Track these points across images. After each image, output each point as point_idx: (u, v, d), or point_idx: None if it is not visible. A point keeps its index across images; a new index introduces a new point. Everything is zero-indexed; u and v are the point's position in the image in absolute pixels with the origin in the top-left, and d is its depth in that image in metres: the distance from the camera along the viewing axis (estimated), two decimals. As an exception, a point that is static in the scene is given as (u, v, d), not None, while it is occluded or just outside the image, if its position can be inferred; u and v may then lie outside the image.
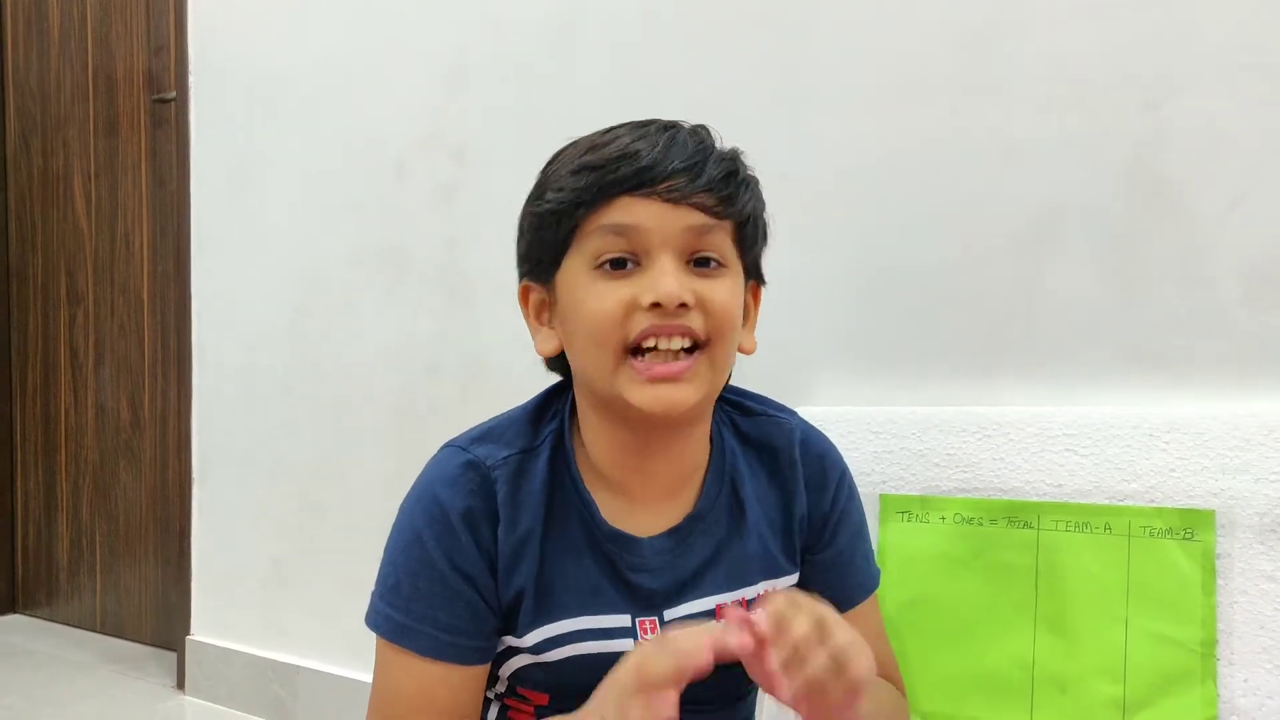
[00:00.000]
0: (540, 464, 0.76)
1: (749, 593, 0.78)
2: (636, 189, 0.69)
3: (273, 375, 1.71)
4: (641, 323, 0.68)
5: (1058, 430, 0.99)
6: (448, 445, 0.78)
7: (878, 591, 0.88)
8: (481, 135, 1.44)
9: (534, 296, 0.77)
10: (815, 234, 1.16)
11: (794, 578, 0.82)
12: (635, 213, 0.69)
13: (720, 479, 0.79)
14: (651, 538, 0.76)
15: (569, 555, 0.75)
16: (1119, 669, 0.94)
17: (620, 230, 0.69)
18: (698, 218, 0.70)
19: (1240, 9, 0.94)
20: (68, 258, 2.28)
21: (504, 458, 0.75)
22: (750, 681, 0.85)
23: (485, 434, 0.78)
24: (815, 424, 0.90)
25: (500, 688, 0.79)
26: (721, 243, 0.72)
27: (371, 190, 1.57)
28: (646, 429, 0.74)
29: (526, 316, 0.78)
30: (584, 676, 0.73)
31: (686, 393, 0.70)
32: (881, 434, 1.08)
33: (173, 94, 1.86)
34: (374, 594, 0.76)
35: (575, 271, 0.72)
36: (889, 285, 1.12)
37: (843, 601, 0.81)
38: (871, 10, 1.13)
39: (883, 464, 1.08)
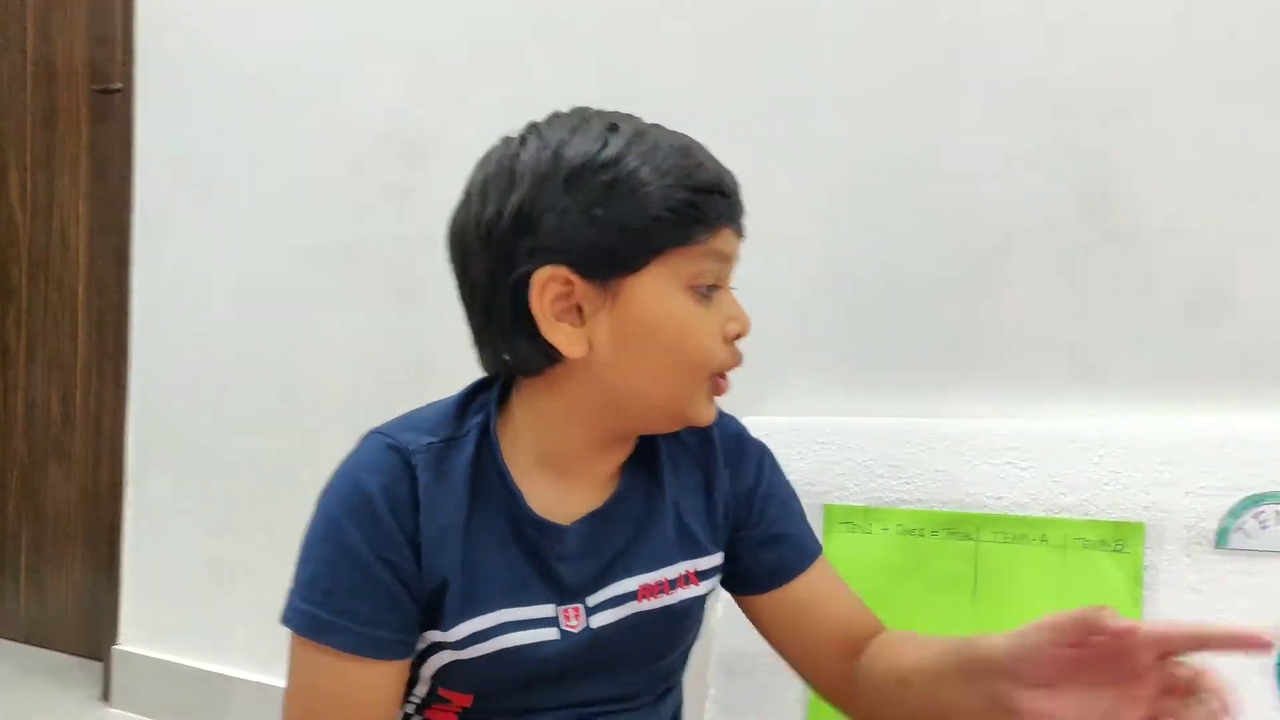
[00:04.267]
0: (465, 453, 0.75)
1: (669, 573, 0.79)
2: (734, 223, 0.74)
3: (214, 374, 1.68)
4: (726, 354, 0.74)
5: (999, 443, 1.02)
6: (371, 433, 0.77)
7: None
8: (441, 135, 1.44)
9: (564, 290, 0.71)
10: (766, 246, 1.17)
11: (716, 558, 0.82)
12: (731, 244, 0.74)
13: (639, 463, 0.80)
14: (575, 523, 0.76)
15: (494, 545, 0.74)
16: None
17: (724, 258, 0.73)
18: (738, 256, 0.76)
19: (1189, 36, 0.98)
20: (1, 250, 2.21)
21: (427, 444, 0.74)
22: (674, 677, 0.86)
23: (409, 423, 0.77)
24: (762, 434, 0.91)
25: (422, 690, 0.78)
26: None
27: (325, 187, 1.56)
28: (649, 432, 0.78)
29: (539, 308, 0.70)
30: (509, 671, 0.74)
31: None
32: (827, 445, 1.10)
33: (118, 85, 1.82)
34: (290, 591, 0.74)
35: (663, 284, 0.71)
36: (837, 298, 1.14)
37: (791, 570, 0.83)
38: (841, 25, 1.15)
39: (828, 474, 1.09)
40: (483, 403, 0.78)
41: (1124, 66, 1.01)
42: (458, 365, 0.92)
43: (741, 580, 0.86)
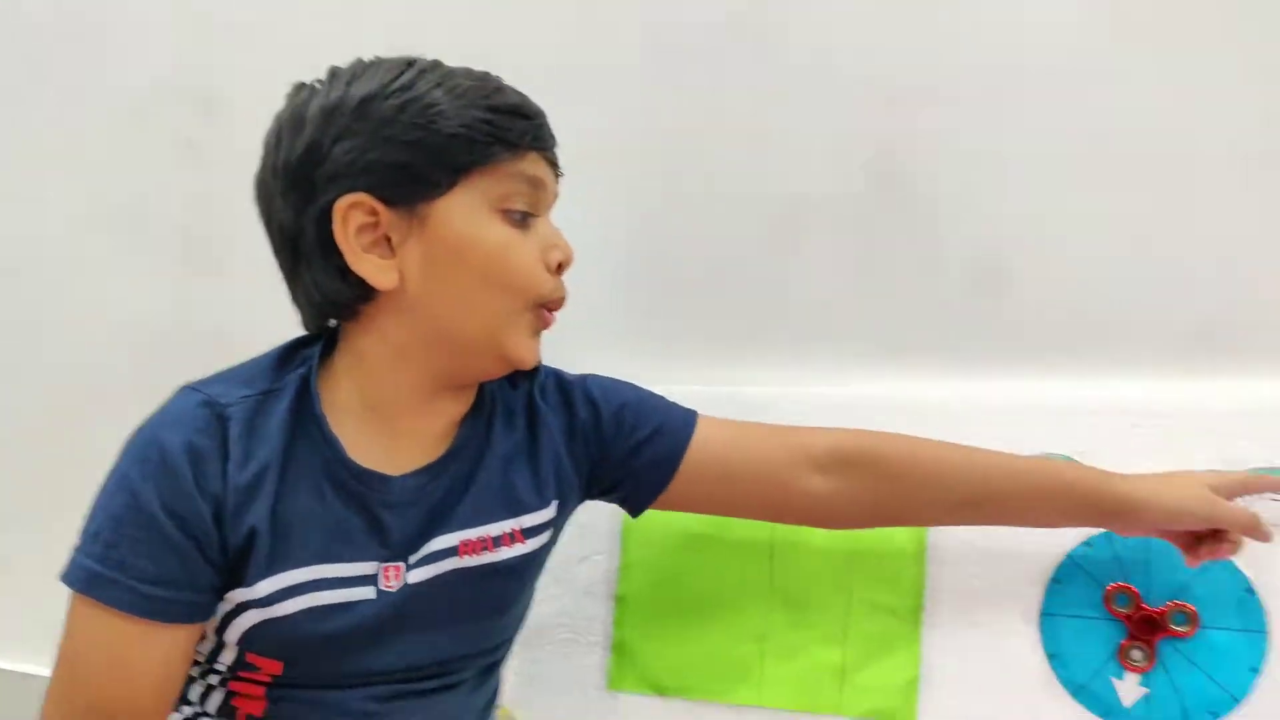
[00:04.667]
0: (282, 405, 0.73)
1: (492, 530, 0.78)
2: (543, 149, 0.75)
3: (-18, 351, 1.53)
4: (547, 282, 0.74)
5: (796, 411, 1.04)
6: (183, 388, 0.74)
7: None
8: (231, 85, 1.35)
9: (369, 219, 0.70)
10: (575, 213, 1.16)
11: (544, 514, 0.81)
12: (542, 171, 0.74)
13: (478, 417, 0.79)
14: (403, 475, 0.74)
15: (311, 495, 0.72)
16: (840, 636, 1.00)
17: (536, 184, 0.73)
18: (556, 189, 0.78)
19: (975, 17, 1.02)
20: None
21: (242, 397, 0.72)
22: (499, 651, 0.84)
23: (224, 377, 0.75)
24: None
25: (229, 658, 0.74)
26: None
27: (102, 141, 1.44)
28: (474, 378, 0.77)
29: (344, 238, 0.70)
30: (317, 631, 0.71)
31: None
32: (632, 413, 1.10)
33: None
34: (74, 547, 0.70)
35: (471, 208, 0.71)
36: (635, 267, 1.14)
37: (680, 445, 0.84)
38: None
39: (633, 443, 1.10)
40: (305, 357, 0.76)
41: (913, 47, 1.04)
42: (265, 333, 0.87)
43: (644, 491, 0.85)
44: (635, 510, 0.88)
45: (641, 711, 1.05)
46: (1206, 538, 0.84)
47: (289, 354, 0.77)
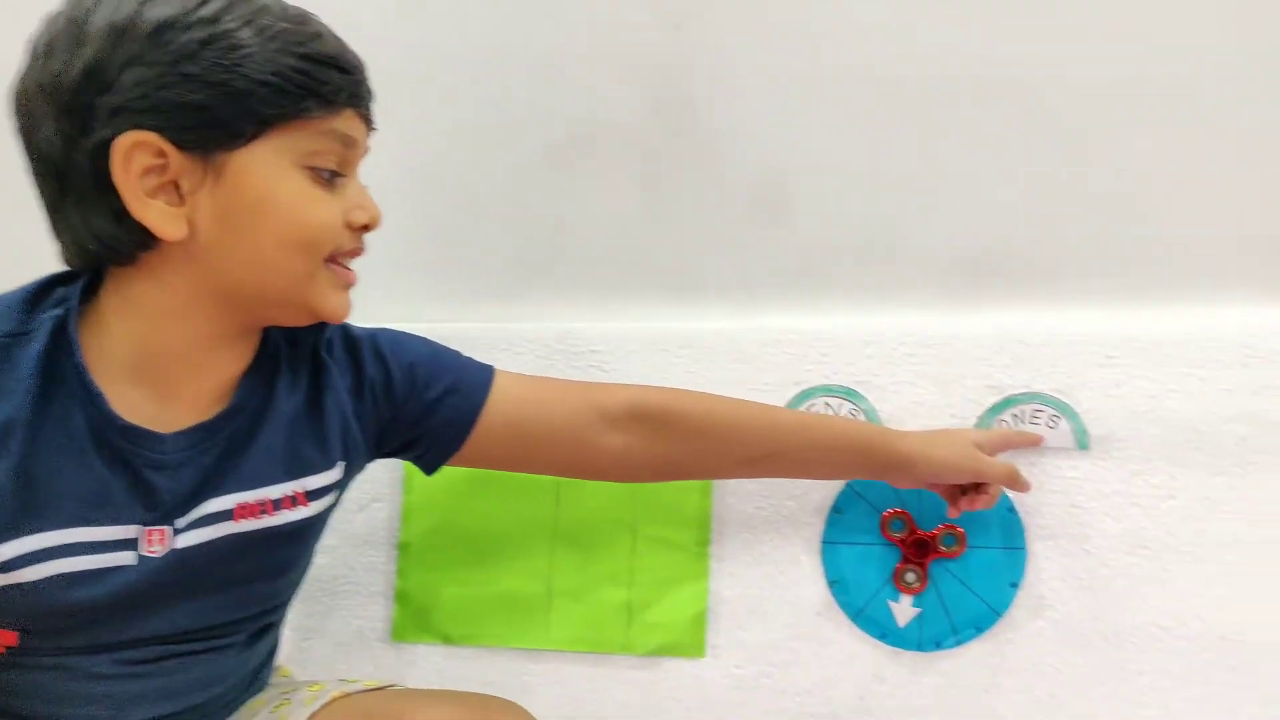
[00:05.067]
0: (32, 350, 0.64)
1: (272, 493, 0.72)
2: (361, 105, 0.69)
3: None
4: (349, 241, 0.70)
5: (584, 346, 1.01)
6: None
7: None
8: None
9: (156, 162, 0.63)
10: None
11: (332, 474, 0.76)
12: (357, 129, 0.69)
13: (258, 375, 0.73)
14: (176, 433, 0.68)
15: (68, 453, 0.64)
16: (626, 574, 0.99)
17: (348, 143, 0.68)
18: (368, 145, 0.72)
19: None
20: None
21: None
22: (276, 613, 0.79)
23: None
24: None
25: None
26: None
27: None
28: (273, 323, 0.72)
29: (125, 180, 0.62)
30: (63, 601, 0.65)
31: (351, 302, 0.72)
32: (411, 351, 1.04)
33: None
34: None
35: (274, 162, 0.65)
36: (413, 200, 1.07)
37: (476, 402, 0.81)
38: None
39: (413, 382, 1.04)
40: (61, 297, 0.68)
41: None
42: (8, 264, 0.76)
43: (438, 450, 0.82)
44: (430, 468, 0.84)
45: (427, 661, 1.01)
46: (969, 489, 0.90)
47: (42, 292, 0.68)
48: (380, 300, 1.07)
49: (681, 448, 0.86)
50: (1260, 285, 0.93)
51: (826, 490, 0.96)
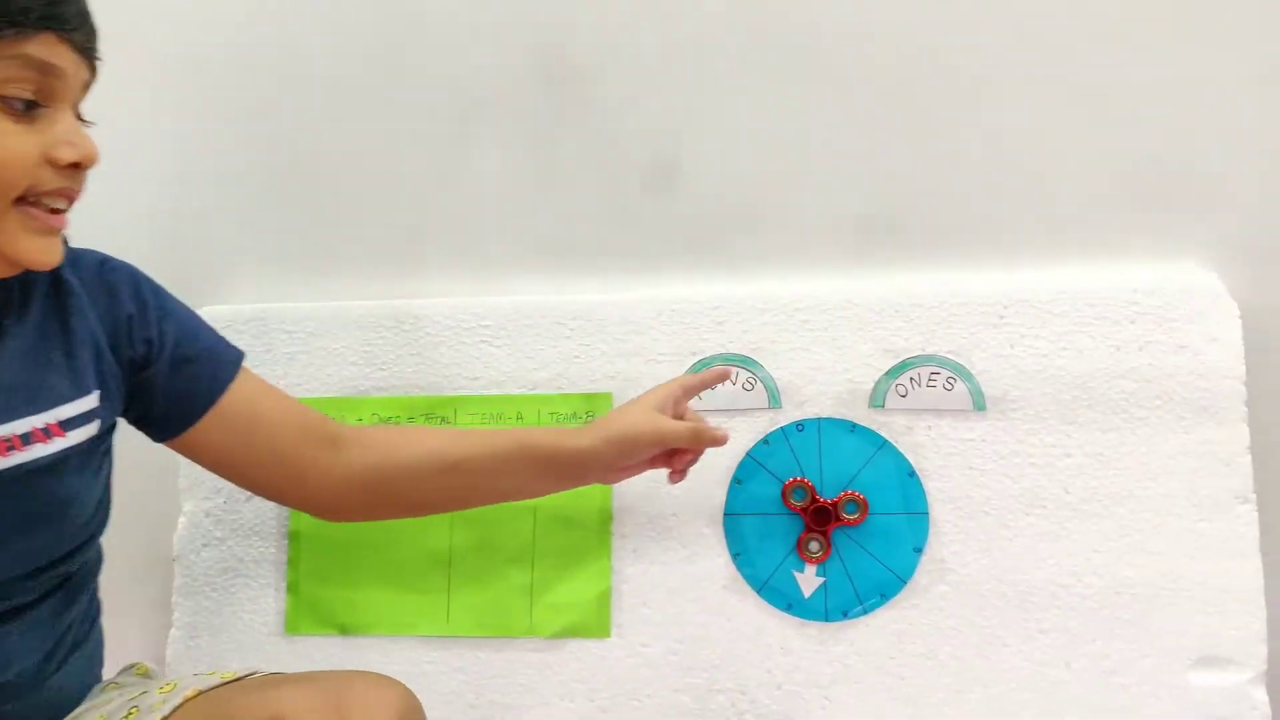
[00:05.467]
0: None
1: (20, 427, 0.66)
2: (62, 28, 0.62)
3: None
4: (51, 180, 0.63)
5: (473, 322, 0.98)
6: None
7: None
8: None
9: None
10: (207, 119, 1.03)
11: (87, 401, 0.71)
12: (60, 55, 0.62)
13: None
14: None
15: None
16: (528, 555, 0.96)
17: (45, 69, 0.62)
18: (89, 74, 0.66)
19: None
20: None
21: None
22: (76, 563, 0.74)
23: None
24: (223, 326, 0.82)
25: None
26: None
27: None
28: None
29: None
30: None
31: (61, 247, 0.67)
32: (295, 333, 1.00)
33: None
34: None
35: None
36: (294, 173, 1.03)
37: (218, 384, 0.77)
38: None
39: (298, 366, 0.99)
40: None
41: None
42: None
43: (170, 418, 0.77)
44: (159, 436, 0.79)
45: (323, 654, 0.97)
46: (675, 455, 0.85)
47: None
48: (265, 281, 1.04)
49: (379, 480, 0.81)
50: (1145, 242, 0.93)
51: (727, 460, 0.94)
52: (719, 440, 0.84)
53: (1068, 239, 0.94)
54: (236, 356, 0.79)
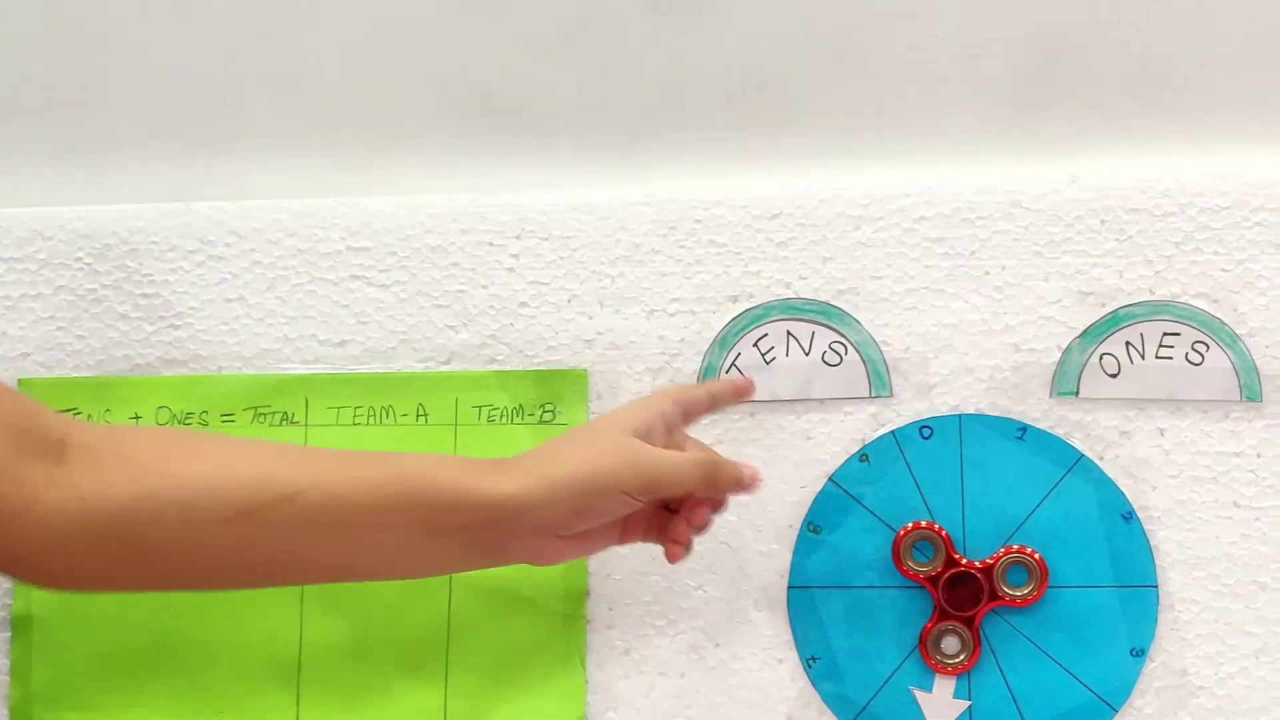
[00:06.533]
0: None
1: None
2: None
3: None
4: None
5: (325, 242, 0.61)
6: None
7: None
8: None
9: None
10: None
11: None
12: None
13: None
14: None
15: None
16: (438, 658, 0.61)
17: None
18: None
19: None
20: None
21: None
22: None
23: None
24: None
25: None
26: None
27: None
28: None
29: None
30: None
31: None
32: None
33: None
34: None
35: None
36: None
37: None
38: None
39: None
40: None
41: None
42: None
43: None
44: None
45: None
46: (671, 513, 0.54)
47: None
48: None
49: (157, 533, 0.49)
50: None
51: (796, 492, 0.59)
52: (746, 483, 0.53)
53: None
54: None
